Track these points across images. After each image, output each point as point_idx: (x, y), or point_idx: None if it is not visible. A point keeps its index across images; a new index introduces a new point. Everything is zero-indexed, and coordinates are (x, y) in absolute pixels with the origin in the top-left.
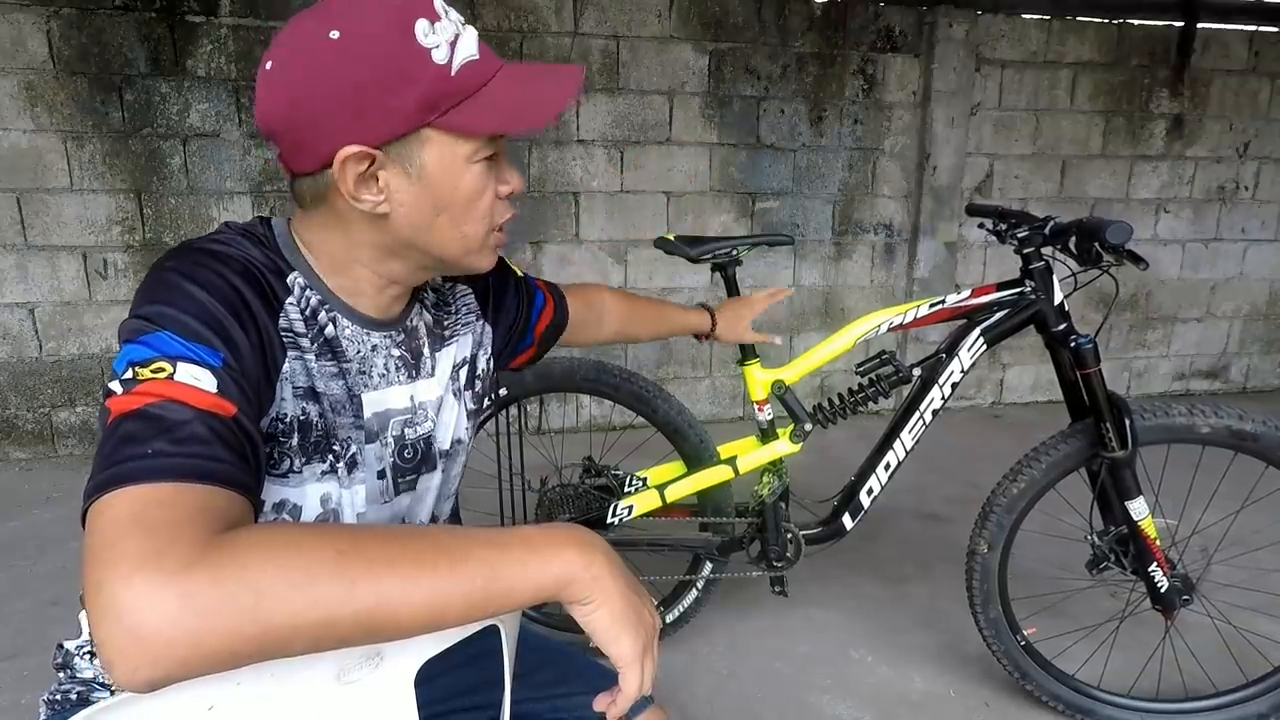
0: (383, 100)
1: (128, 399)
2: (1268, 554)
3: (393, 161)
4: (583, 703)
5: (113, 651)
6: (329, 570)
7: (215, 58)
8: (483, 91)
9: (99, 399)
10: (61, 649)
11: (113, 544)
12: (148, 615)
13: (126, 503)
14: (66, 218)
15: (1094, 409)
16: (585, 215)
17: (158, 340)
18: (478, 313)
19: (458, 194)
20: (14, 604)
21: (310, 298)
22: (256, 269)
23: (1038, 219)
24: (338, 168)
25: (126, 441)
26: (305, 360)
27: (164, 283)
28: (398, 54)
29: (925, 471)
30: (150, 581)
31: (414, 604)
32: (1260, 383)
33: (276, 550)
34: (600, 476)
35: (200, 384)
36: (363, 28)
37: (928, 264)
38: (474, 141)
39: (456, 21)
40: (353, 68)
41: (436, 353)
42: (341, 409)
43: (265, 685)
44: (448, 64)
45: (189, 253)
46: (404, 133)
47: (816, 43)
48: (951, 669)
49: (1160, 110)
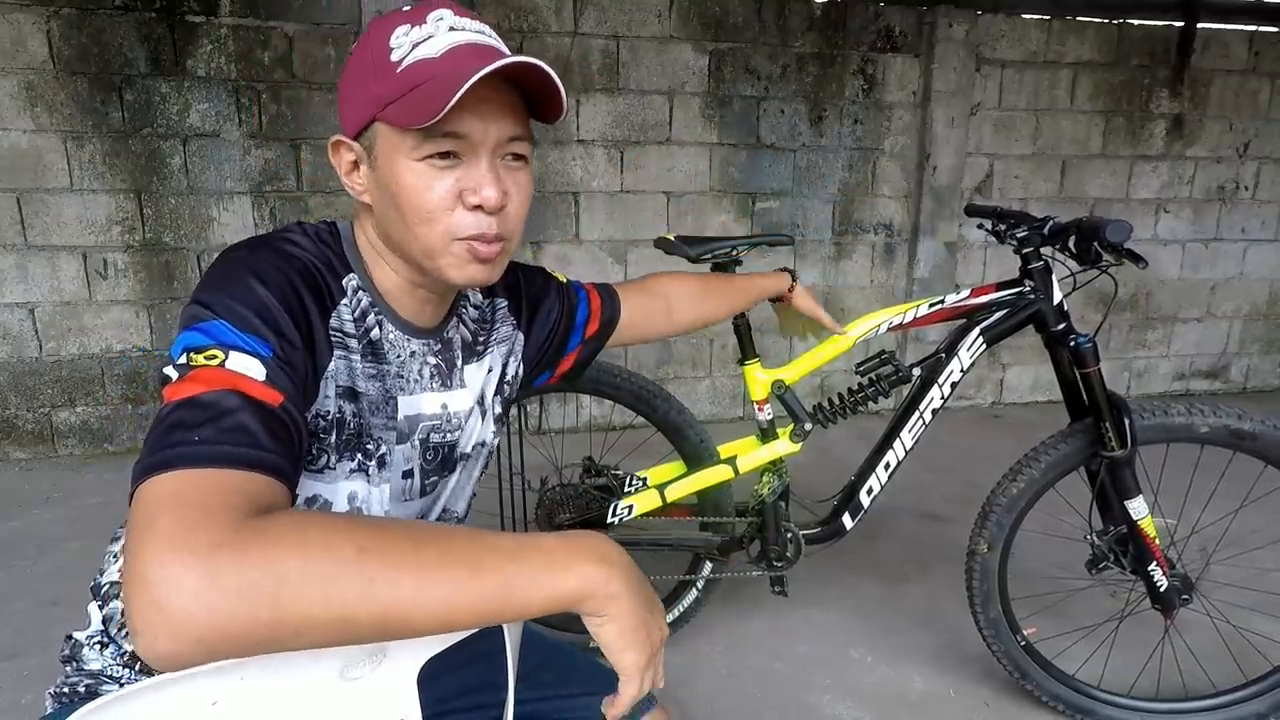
0: (354, 94)
1: (181, 385)
2: (1267, 553)
3: (363, 152)
4: (584, 703)
5: (139, 621)
6: (350, 568)
7: (215, 58)
8: (424, 86)
9: (156, 387)
10: (70, 639)
11: (150, 521)
12: (172, 588)
13: (168, 484)
14: (66, 218)
15: (1093, 409)
16: (585, 215)
17: (213, 328)
18: (514, 323)
19: (400, 190)
20: (14, 604)
21: (362, 299)
22: (316, 270)
23: (1037, 219)
24: (331, 153)
25: (176, 428)
26: (350, 360)
27: (229, 274)
28: (372, 53)
29: (925, 471)
30: (179, 557)
31: (428, 608)
32: (1260, 383)
33: (302, 542)
34: (600, 476)
35: (250, 373)
36: (368, 34)
37: (928, 264)
38: (410, 136)
39: (443, 28)
40: (349, 66)
41: (467, 366)
42: (377, 409)
43: (269, 680)
44: (399, 62)
45: (259, 247)
46: (364, 123)
47: (816, 43)
48: (951, 669)
49: (1160, 110)
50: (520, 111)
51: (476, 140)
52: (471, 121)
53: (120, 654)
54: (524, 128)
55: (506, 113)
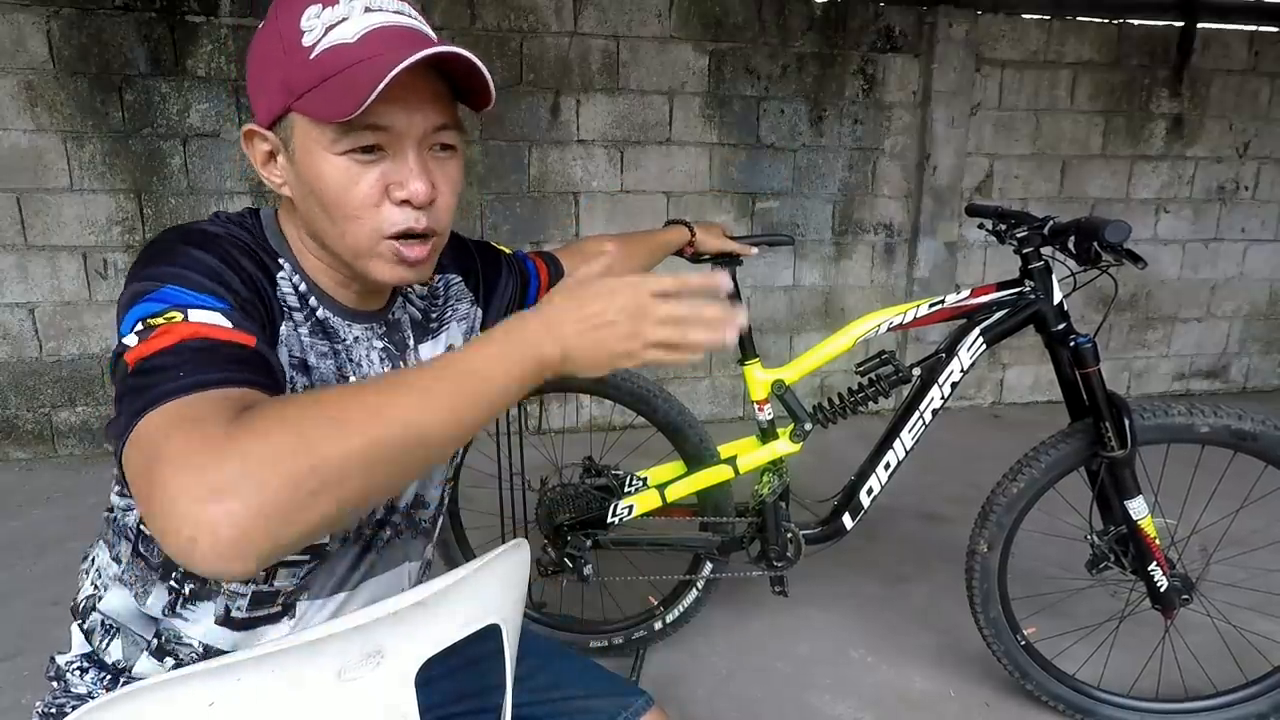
0: (264, 81)
1: (145, 345)
2: (1267, 553)
3: (279, 143)
4: (582, 705)
5: (191, 528)
6: (351, 404)
7: (215, 58)
8: (340, 76)
9: (109, 366)
10: (53, 663)
11: (159, 448)
12: (217, 482)
13: (162, 416)
14: (66, 218)
15: (1093, 409)
16: (585, 215)
17: (163, 294)
18: (471, 299)
19: (321, 185)
20: (14, 604)
21: (298, 282)
22: (249, 247)
23: (1037, 219)
24: (244, 143)
25: (154, 374)
26: (298, 332)
27: (161, 250)
28: (280, 35)
29: (925, 471)
30: (206, 455)
31: (436, 412)
32: (1260, 383)
33: (300, 403)
34: (600, 476)
35: (216, 323)
36: (272, 14)
37: (928, 264)
38: (329, 129)
39: (357, 8)
40: (255, 50)
41: (420, 345)
42: (328, 387)
43: (265, 681)
44: (311, 47)
45: (182, 228)
46: (278, 113)
47: (816, 43)
48: (951, 669)
49: (1160, 110)
50: (446, 99)
51: (401, 131)
52: (395, 113)
53: (102, 677)
54: (451, 116)
55: (432, 101)
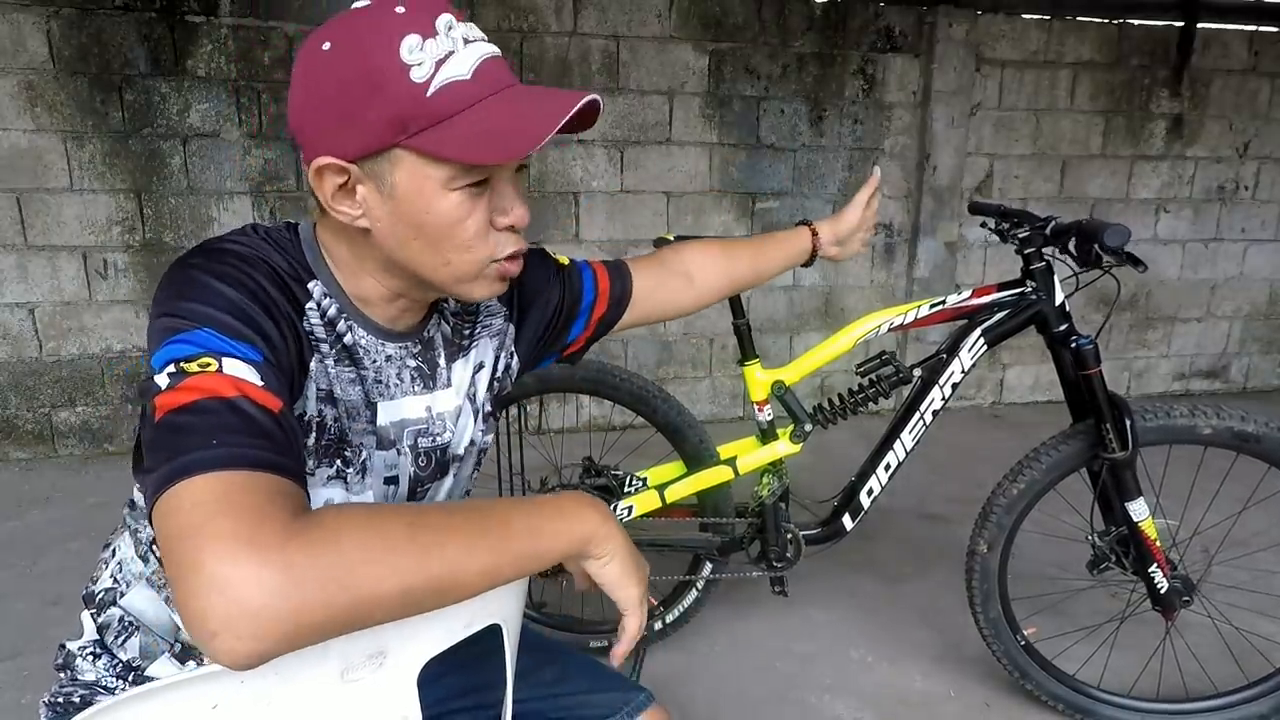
0: (356, 114)
1: (176, 393)
2: (1269, 555)
3: (368, 177)
4: (583, 700)
5: (217, 624)
6: (404, 543)
7: (215, 58)
8: (462, 116)
9: (135, 396)
10: (63, 649)
11: (203, 526)
12: (254, 588)
13: (206, 488)
14: (66, 218)
15: (1095, 409)
16: (585, 215)
17: (197, 337)
18: (505, 313)
19: (432, 220)
20: (14, 604)
21: (329, 305)
22: (278, 272)
23: (1039, 219)
24: (313, 176)
25: (186, 433)
26: (325, 364)
27: (192, 281)
28: (376, 69)
29: (925, 471)
30: (253, 556)
31: (476, 568)
32: (1260, 383)
33: (358, 526)
34: (600, 476)
35: (248, 378)
36: (351, 39)
37: (928, 264)
38: (447, 167)
39: (458, 39)
40: (333, 78)
41: (452, 363)
42: (356, 415)
43: (269, 683)
44: (425, 83)
45: (213, 252)
46: (376, 149)
47: (816, 43)
48: (951, 669)
49: (1160, 110)
50: None
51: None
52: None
53: (114, 665)
54: None
55: None
